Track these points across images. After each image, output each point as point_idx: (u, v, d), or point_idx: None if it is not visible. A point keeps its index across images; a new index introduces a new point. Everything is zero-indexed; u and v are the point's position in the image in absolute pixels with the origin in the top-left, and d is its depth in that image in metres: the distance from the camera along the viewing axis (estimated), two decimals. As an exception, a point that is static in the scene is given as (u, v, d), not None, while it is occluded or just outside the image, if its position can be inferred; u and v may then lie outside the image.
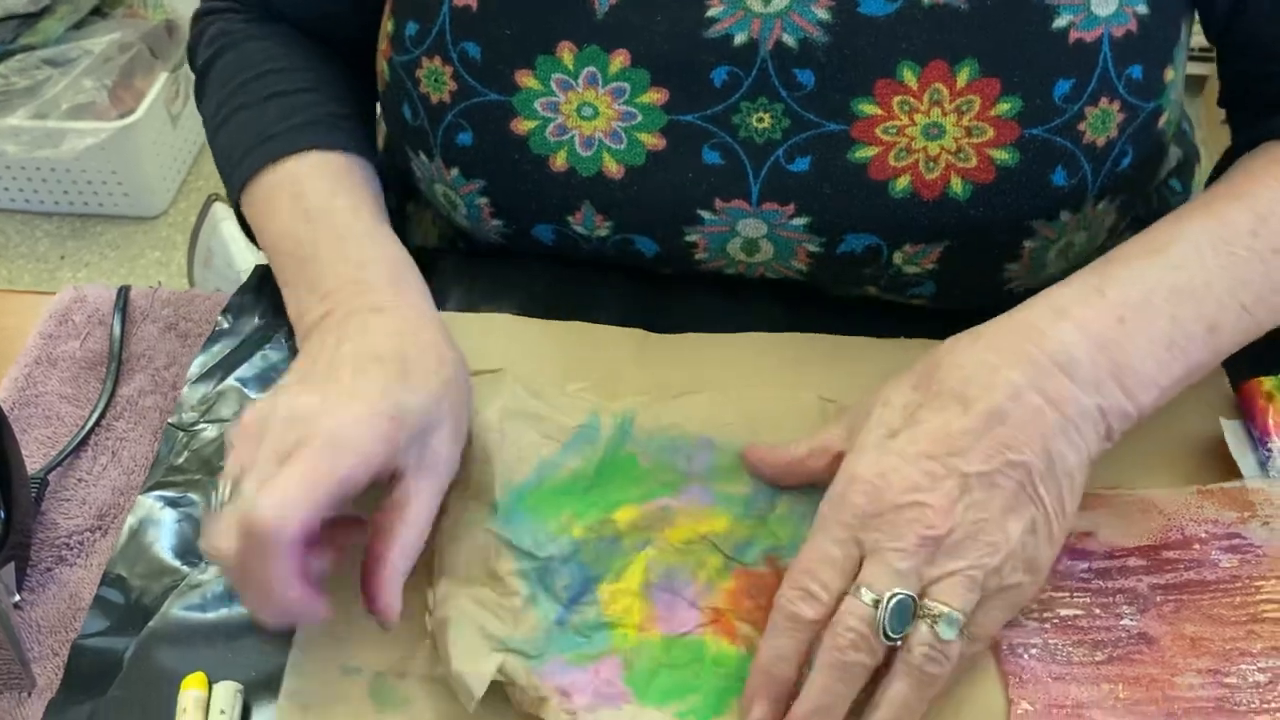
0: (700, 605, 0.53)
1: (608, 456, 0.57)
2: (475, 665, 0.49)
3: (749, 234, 0.62)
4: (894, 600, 0.47)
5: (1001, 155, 0.58)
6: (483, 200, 0.64)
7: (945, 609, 0.47)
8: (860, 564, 0.49)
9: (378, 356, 0.53)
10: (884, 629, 0.47)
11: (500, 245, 0.67)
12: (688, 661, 0.51)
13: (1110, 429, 0.52)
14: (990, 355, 0.51)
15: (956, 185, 0.58)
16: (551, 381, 0.60)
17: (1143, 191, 0.67)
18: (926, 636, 0.47)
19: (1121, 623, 0.53)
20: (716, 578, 0.54)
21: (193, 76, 0.72)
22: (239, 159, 0.64)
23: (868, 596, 0.48)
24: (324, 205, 0.61)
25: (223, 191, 0.69)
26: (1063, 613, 0.53)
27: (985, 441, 0.49)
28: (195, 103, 0.71)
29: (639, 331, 0.64)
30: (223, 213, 1.85)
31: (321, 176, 0.63)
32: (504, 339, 0.64)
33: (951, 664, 0.48)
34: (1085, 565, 0.55)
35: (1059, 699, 0.50)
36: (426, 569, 0.54)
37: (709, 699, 0.50)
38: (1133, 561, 0.55)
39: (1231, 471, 0.58)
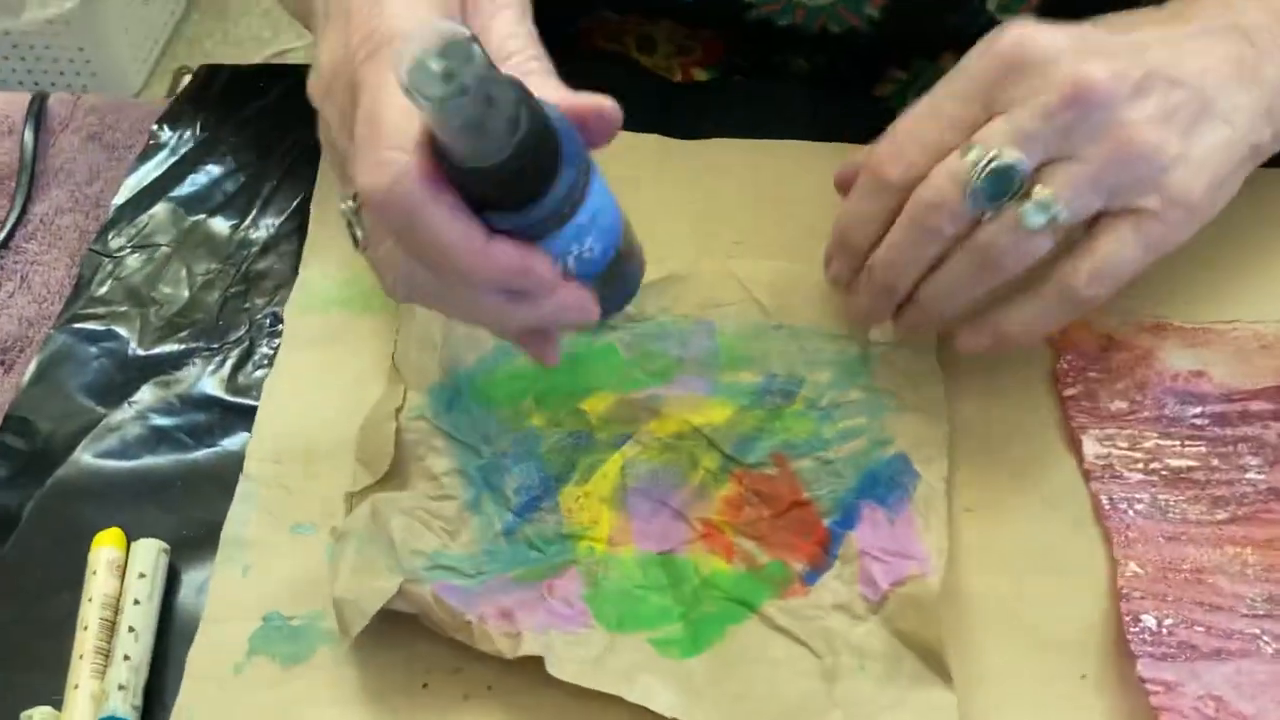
0: (689, 516, 0.42)
1: (581, 345, 0.46)
2: (359, 591, 0.38)
3: None
4: (996, 162, 0.38)
5: None
6: None
7: (1047, 194, 0.38)
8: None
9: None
10: (972, 192, 0.38)
11: None
12: (669, 584, 0.40)
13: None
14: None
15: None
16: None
17: None
18: (1009, 214, 0.39)
19: (1246, 476, 0.43)
20: (711, 482, 0.43)
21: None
22: None
23: (972, 154, 0.38)
24: None
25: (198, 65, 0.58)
26: (1173, 464, 0.43)
27: (1173, 44, 0.41)
28: None
29: (656, 138, 0.54)
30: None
31: None
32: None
33: (1021, 259, 0.39)
34: (1198, 410, 0.45)
35: (1174, 561, 0.41)
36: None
37: (698, 626, 0.39)
38: (1256, 406, 0.45)
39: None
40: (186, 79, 1.19)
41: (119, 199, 0.53)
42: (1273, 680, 0.38)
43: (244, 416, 0.46)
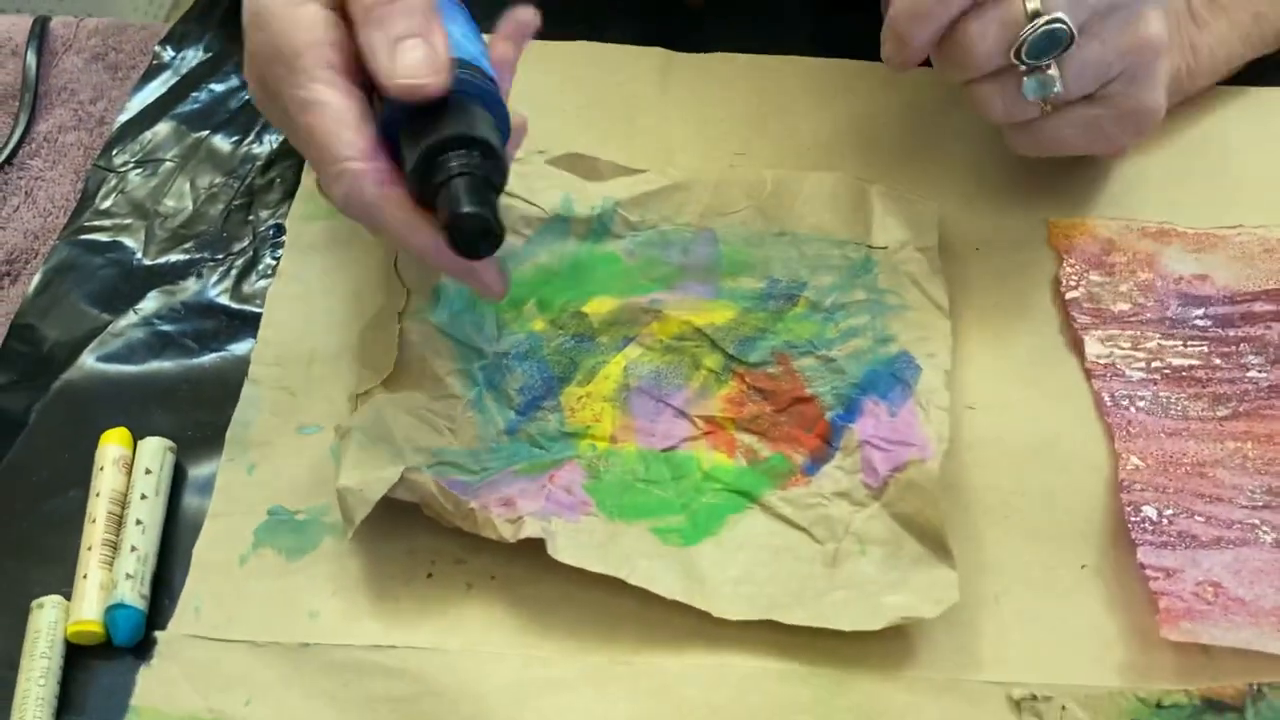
0: (691, 414, 0.42)
1: (583, 252, 0.46)
2: (362, 481, 0.38)
3: None
4: (1054, 25, 0.39)
5: None
6: None
7: (1053, 75, 0.41)
8: None
9: None
10: (1025, 44, 0.40)
11: None
12: (671, 478, 0.41)
13: None
14: None
15: None
16: (531, 138, 0.49)
17: None
18: (1013, 75, 0.41)
19: (1248, 375, 0.43)
20: (713, 381, 0.43)
21: None
22: None
23: (1032, 4, 0.40)
24: None
25: None
26: (1175, 362, 0.43)
27: None
28: None
29: (660, 50, 0.53)
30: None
31: None
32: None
33: (1006, 115, 0.43)
34: (1200, 311, 0.45)
35: (1175, 456, 0.41)
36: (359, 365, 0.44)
37: (699, 516, 0.40)
38: (1259, 306, 0.45)
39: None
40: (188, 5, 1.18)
41: (123, 116, 0.53)
42: (1269, 567, 0.38)
43: (248, 323, 0.46)
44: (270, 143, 0.52)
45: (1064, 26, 0.40)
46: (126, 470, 0.41)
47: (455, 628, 0.38)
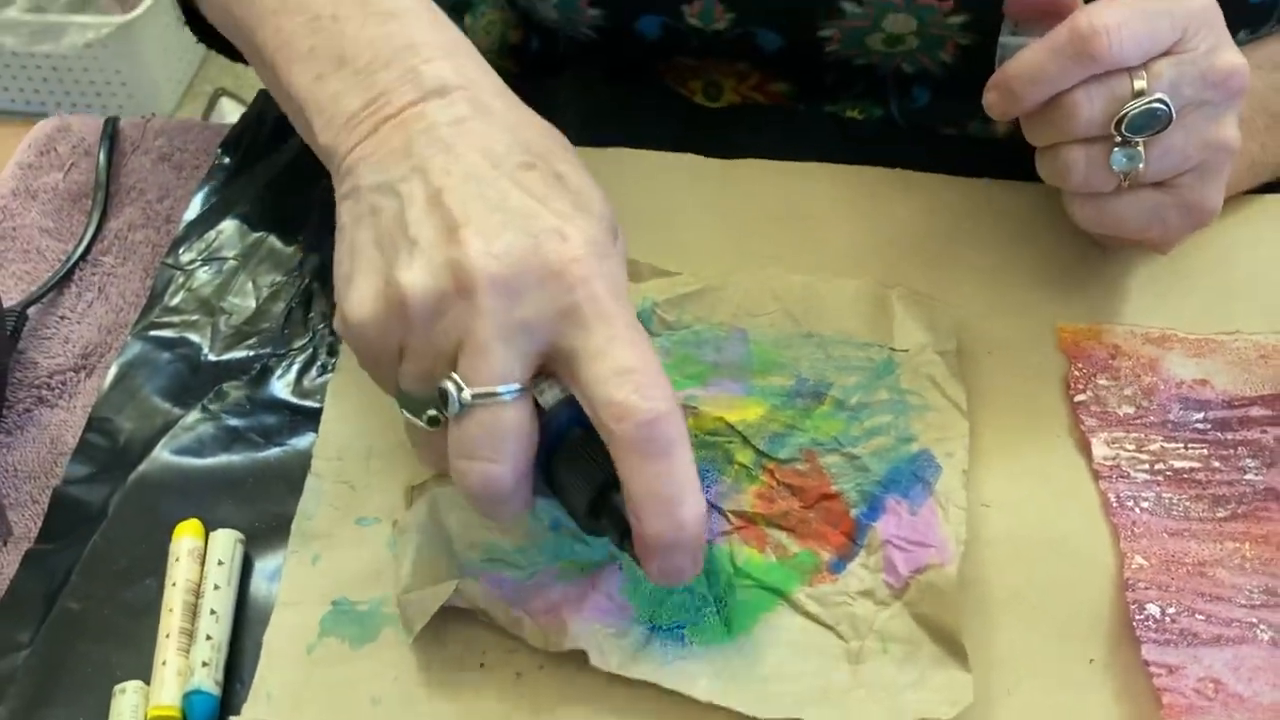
0: (724, 509, 0.45)
1: None
2: (420, 592, 0.41)
3: (895, 29, 0.54)
4: (1155, 104, 0.43)
5: None
6: None
7: (1140, 152, 0.44)
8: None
9: (528, 161, 0.39)
10: (1127, 118, 0.43)
11: (588, 42, 0.58)
12: (705, 573, 0.43)
13: None
14: None
15: None
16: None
17: None
18: (1102, 146, 0.44)
19: (1245, 477, 0.46)
20: (744, 477, 0.46)
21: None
22: None
23: (1139, 82, 0.43)
24: None
25: (230, 85, 0.61)
26: (1177, 465, 0.46)
27: None
28: None
29: (692, 157, 0.57)
30: (230, 109, 1.78)
31: None
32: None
33: (1086, 184, 0.45)
34: (1200, 415, 0.48)
35: (1177, 555, 0.44)
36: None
37: (732, 614, 0.42)
38: (1255, 411, 0.48)
39: (1357, 322, 0.51)
40: (223, 99, 1.22)
41: (189, 215, 0.57)
42: (1267, 664, 0.41)
43: (310, 418, 0.49)
44: (329, 246, 0.55)
45: (1166, 107, 0.43)
46: (199, 561, 0.44)
47: (507, 715, 0.41)
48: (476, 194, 0.37)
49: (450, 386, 0.36)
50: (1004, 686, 0.41)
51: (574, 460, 0.38)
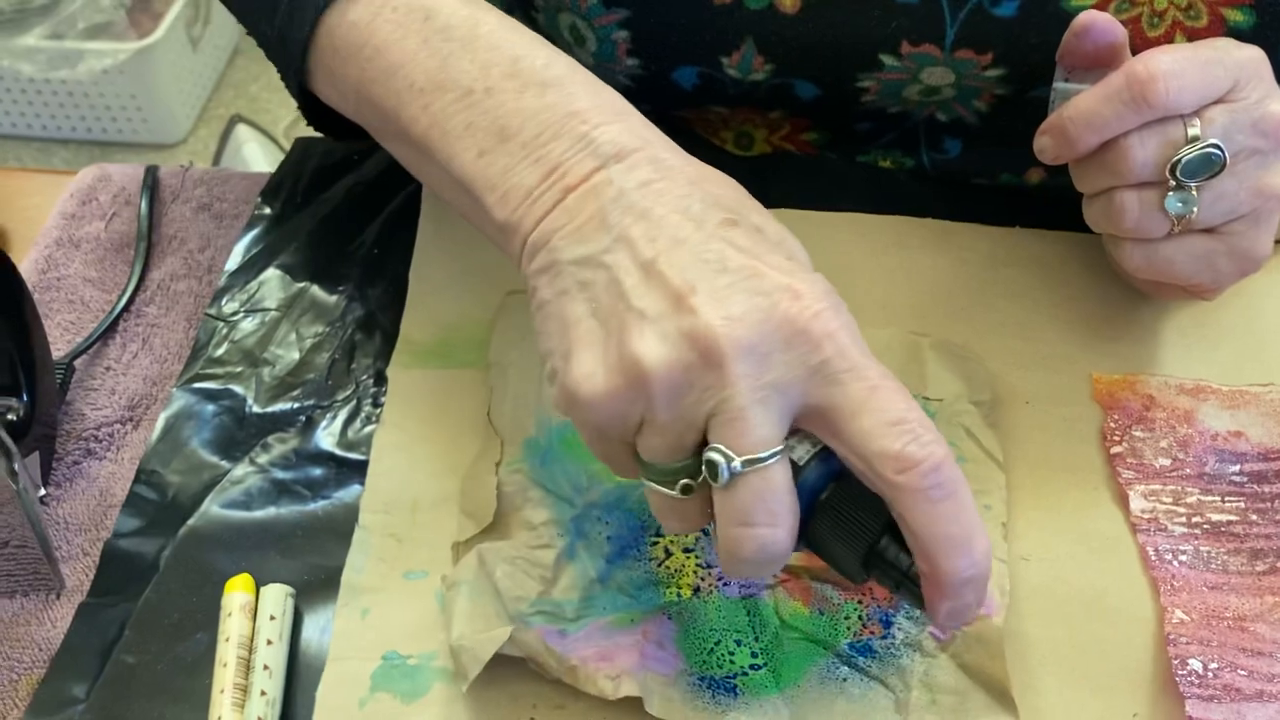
0: None
1: None
2: (474, 639, 0.42)
3: (933, 82, 0.55)
4: (1210, 149, 0.44)
5: (1235, 16, 0.51)
6: (622, 34, 0.55)
7: (1194, 196, 0.45)
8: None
9: (729, 219, 0.39)
10: (1182, 163, 0.44)
11: (624, 90, 0.59)
12: (751, 627, 0.44)
13: None
14: None
15: (1179, 43, 0.52)
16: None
17: None
18: (1155, 192, 0.45)
19: (1282, 529, 0.47)
20: None
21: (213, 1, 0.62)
22: None
23: (1193, 129, 0.44)
24: (467, 18, 0.44)
25: (245, 110, 0.62)
26: (1214, 518, 0.47)
27: None
28: None
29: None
30: (246, 135, 1.79)
31: None
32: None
33: (1138, 228, 0.46)
34: (1236, 468, 0.49)
35: (1217, 610, 0.44)
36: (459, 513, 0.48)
37: (781, 668, 0.43)
38: (1290, 463, 0.49)
39: (1387, 371, 0.52)
40: (239, 126, 1.24)
41: (230, 265, 0.57)
42: (1310, 720, 0.41)
43: (355, 470, 0.50)
44: (368, 292, 0.56)
45: (1219, 153, 0.44)
46: (251, 615, 0.45)
47: (558, 770, 0.41)
48: (692, 259, 0.37)
49: (719, 458, 0.36)
50: (1049, 741, 0.42)
51: (839, 517, 0.38)
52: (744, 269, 0.37)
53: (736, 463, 0.36)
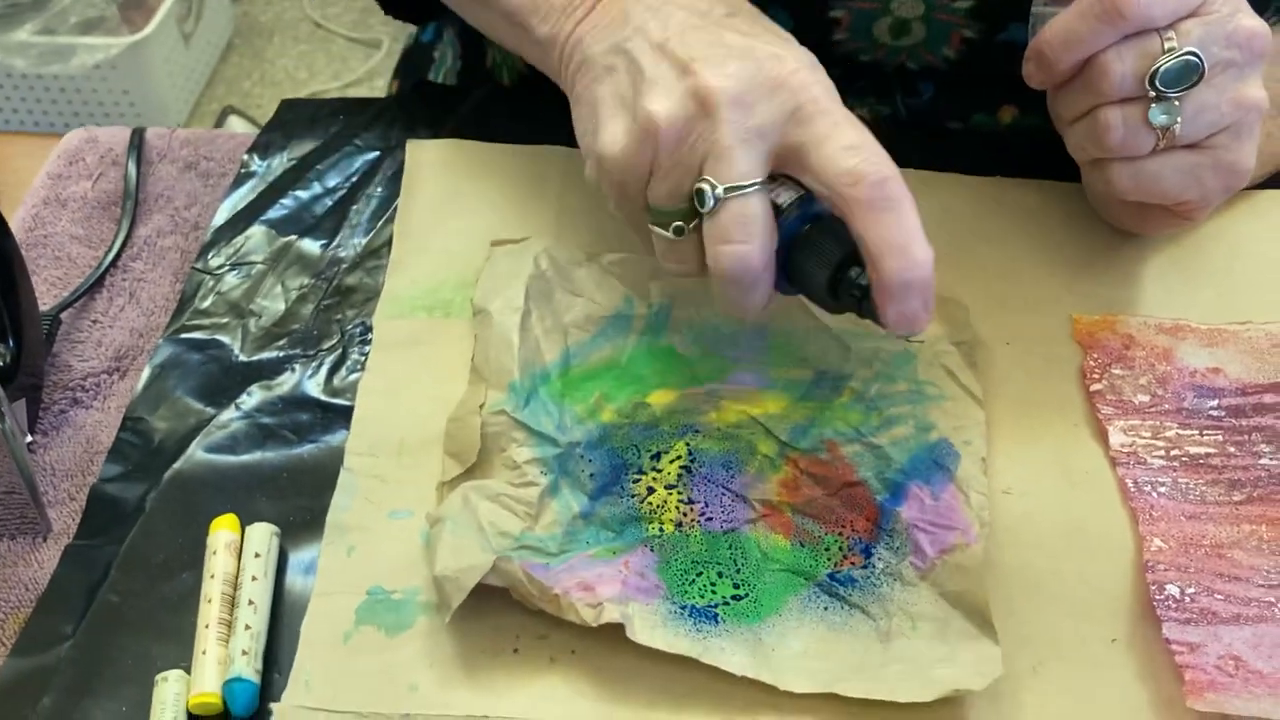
0: (750, 497, 0.46)
1: (643, 345, 0.51)
2: (457, 569, 0.42)
3: (903, 13, 0.56)
4: (1189, 57, 0.45)
5: None
6: None
7: (1177, 107, 0.46)
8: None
9: (730, 11, 0.47)
10: (1160, 72, 0.45)
11: None
12: (733, 559, 0.45)
13: None
14: None
15: None
16: (596, 239, 0.54)
17: None
18: (1140, 105, 0.46)
19: (1260, 462, 0.47)
20: (768, 467, 0.47)
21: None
22: None
23: (1169, 41, 0.45)
24: None
25: (237, 102, 0.63)
26: (1192, 450, 0.47)
27: None
28: None
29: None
30: (239, 125, 1.79)
31: None
32: (559, 175, 0.58)
33: (1123, 145, 0.47)
34: (1214, 402, 0.49)
35: (1195, 538, 0.45)
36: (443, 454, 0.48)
37: (761, 597, 0.43)
38: (1269, 398, 0.49)
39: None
40: (231, 117, 1.24)
41: (216, 221, 0.58)
42: (1287, 640, 0.42)
43: (341, 415, 0.50)
44: (354, 246, 0.57)
45: (1197, 60, 0.45)
46: (236, 554, 0.45)
47: (542, 698, 0.42)
48: (697, 39, 0.44)
49: (706, 186, 0.43)
50: (1029, 665, 0.42)
51: (811, 248, 0.44)
52: (740, 45, 0.44)
53: (720, 189, 0.42)
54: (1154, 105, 0.46)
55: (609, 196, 0.47)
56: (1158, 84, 0.45)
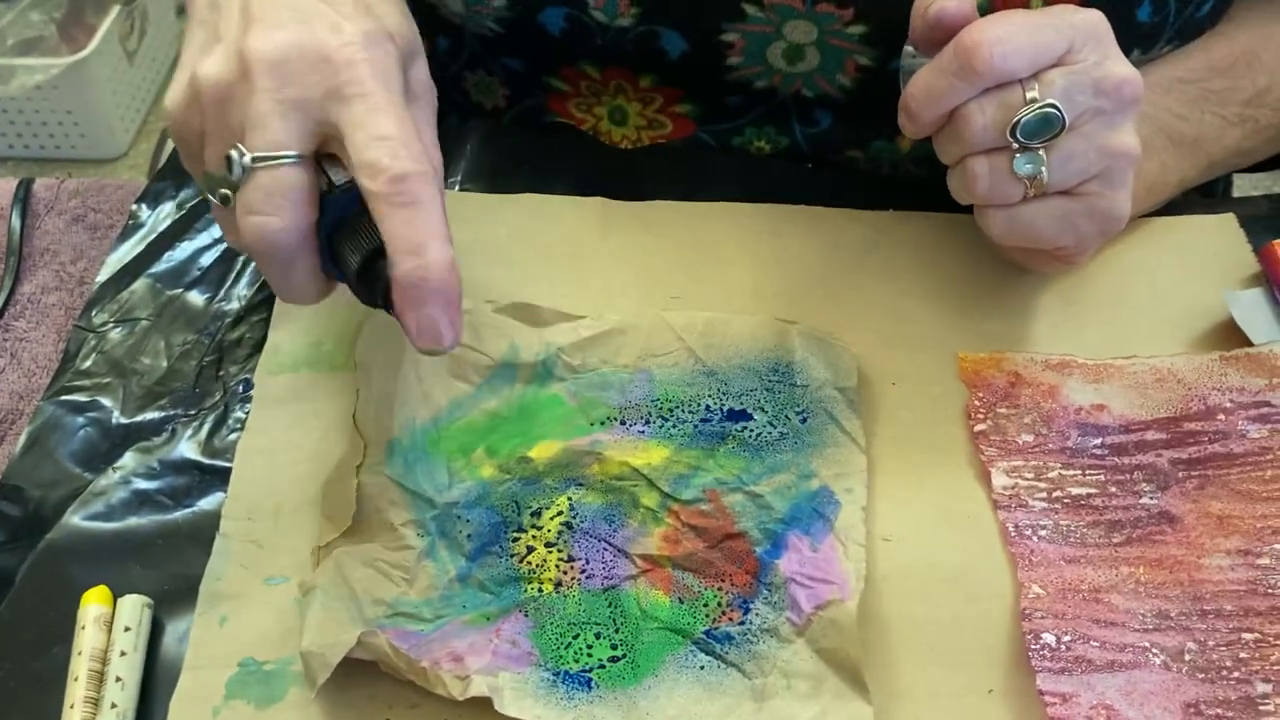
0: (631, 552, 0.46)
1: (528, 395, 0.50)
2: (323, 645, 0.41)
3: (796, 38, 0.56)
4: (1049, 109, 0.45)
5: None
6: None
7: (1042, 156, 0.46)
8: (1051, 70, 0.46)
9: None
10: (1020, 124, 0.45)
11: (491, 36, 0.59)
12: (611, 619, 0.44)
13: None
14: None
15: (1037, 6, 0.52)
16: (482, 287, 0.54)
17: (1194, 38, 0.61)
18: (1005, 156, 0.46)
19: (1140, 501, 0.47)
20: (650, 520, 0.46)
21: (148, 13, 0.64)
22: None
23: (1031, 92, 0.45)
24: None
25: None
26: (1074, 491, 0.47)
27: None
28: None
29: (600, 200, 0.58)
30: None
31: None
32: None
33: (991, 194, 0.47)
34: (1098, 441, 0.49)
35: (1073, 583, 0.44)
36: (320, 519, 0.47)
37: (639, 658, 0.43)
38: (1151, 435, 0.49)
39: (1247, 342, 0.52)
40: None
41: (101, 276, 0.57)
42: (1159, 689, 0.42)
43: (219, 477, 0.49)
44: (239, 299, 0.56)
45: (1057, 112, 0.45)
46: (107, 628, 0.44)
47: (412, 771, 0.41)
48: (275, 2, 0.42)
49: (234, 154, 0.41)
50: (905, 718, 0.42)
51: (350, 232, 0.43)
52: (309, 9, 0.43)
53: (247, 158, 0.41)
54: (1018, 155, 0.45)
55: (180, 153, 0.46)
56: (1019, 135, 0.45)
